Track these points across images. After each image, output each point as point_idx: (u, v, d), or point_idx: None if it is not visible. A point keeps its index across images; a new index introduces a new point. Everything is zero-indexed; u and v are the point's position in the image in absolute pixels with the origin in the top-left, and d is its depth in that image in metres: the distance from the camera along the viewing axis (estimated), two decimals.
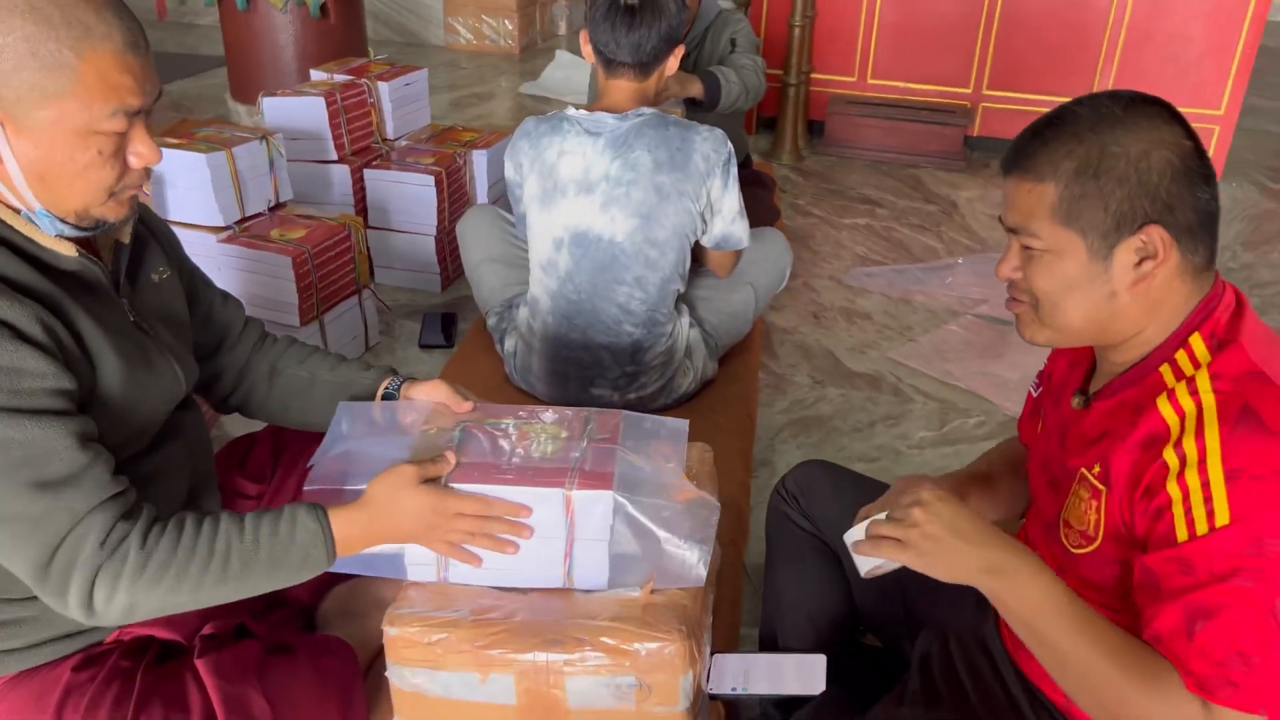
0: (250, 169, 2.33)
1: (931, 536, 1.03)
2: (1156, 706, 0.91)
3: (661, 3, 1.86)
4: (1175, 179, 0.96)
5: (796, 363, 2.61)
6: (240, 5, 3.77)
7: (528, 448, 1.25)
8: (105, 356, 1.08)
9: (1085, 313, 1.02)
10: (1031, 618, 0.99)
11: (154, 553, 1.01)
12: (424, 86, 3.08)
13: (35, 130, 0.98)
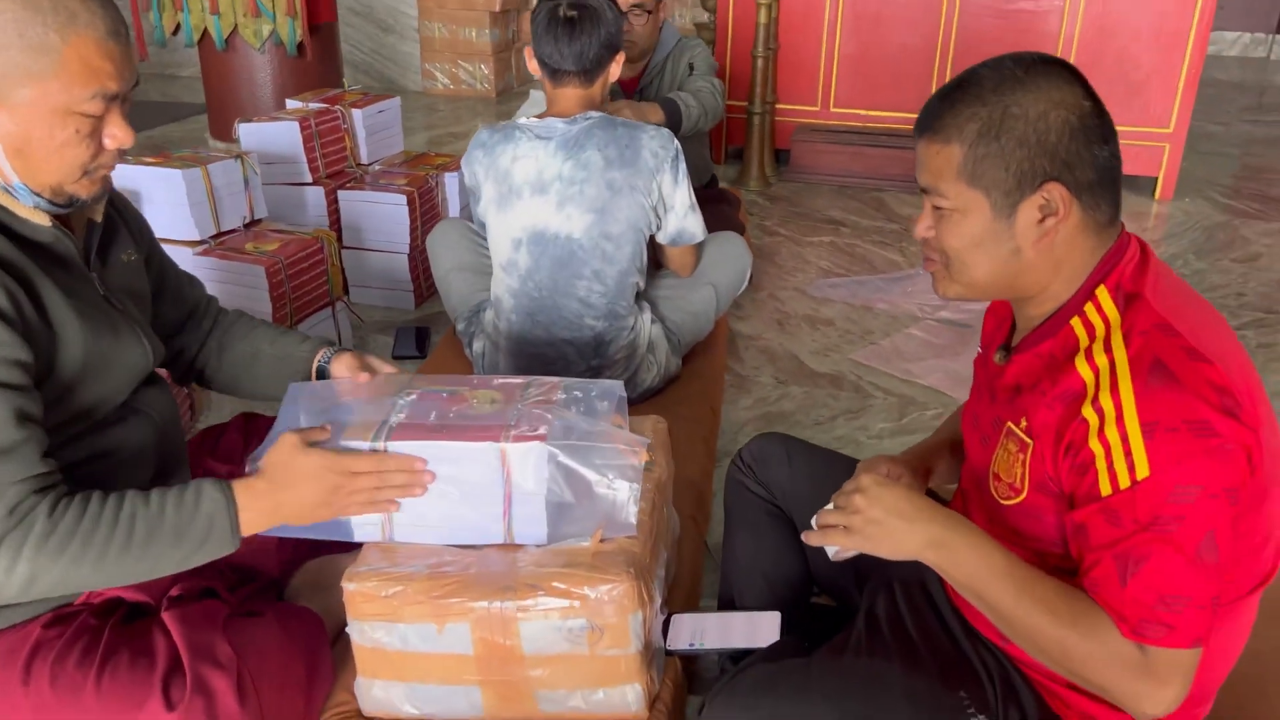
0: (225, 185, 2.41)
1: (874, 520, 1.10)
2: (1097, 653, 0.97)
3: (599, 11, 1.96)
4: (1074, 138, 1.01)
5: (761, 365, 2.69)
6: (219, 45, 3.89)
7: (465, 409, 1.30)
8: (69, 326, 1.12)
9: (991, 269, 1.07)
10: (974, 585, 1.06)
11: (60, 521, 1.02)
12: (397, 114, 3.18)
13: (17, 107, 1.04)
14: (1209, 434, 0.93)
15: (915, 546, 1.08)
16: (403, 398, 1.32)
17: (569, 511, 1.26)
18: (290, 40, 3.83)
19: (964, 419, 1.30)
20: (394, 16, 6.27)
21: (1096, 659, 0.98)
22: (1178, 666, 0.96)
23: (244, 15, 3.83)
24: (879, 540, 1.10)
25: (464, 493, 1.24)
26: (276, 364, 1.47)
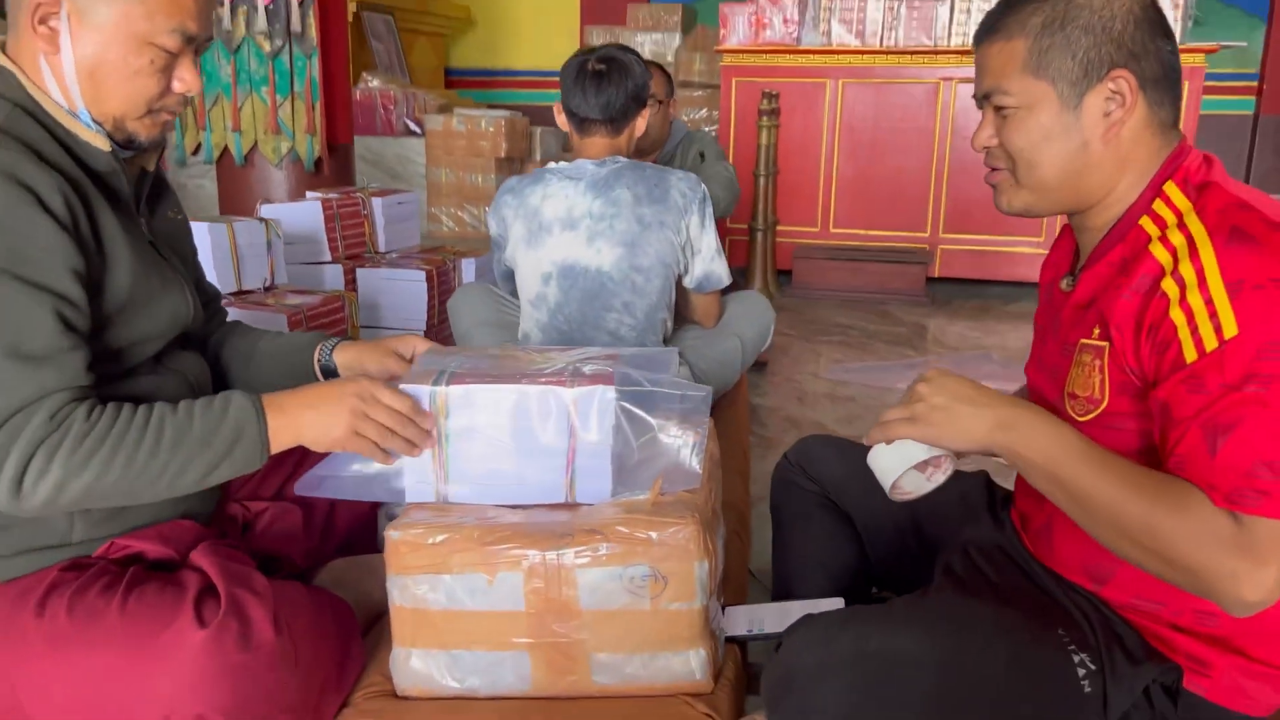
0: (249, 245, 2.42)
1: (939, 407, 1.03)
2: (1186, 528, 0.89)
3: (626, 65, 2.04)
4: (1139, 27, 1.01)
5: (785, 429, 2.64)
6: (238, 161, 4.00)
7: (523, 365, 1.26)
8: (120, 254, 1.11)
9: (1060, 165, 1.05)
10: (1048, 464, 0.98)
11: (95, 426, 1.00)
12: (415, 208, 3.24)
13: (98, 27, 1.05)
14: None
15: (984, 429, 1.00)
16: (461, 358, 1.28)
17: (631, 461, 1.20)
18: (309, 156, 3.95)
19: (1029, 374, 1.26)
20: (403, 164, 6.52)
21: (1186, 535, 0.89)
22: (1277, 541, 0.88)
23: (264, 133, 3.96)
24: (945, 427, 1.02)
25: (524, 446, 1.18)
26: (273, 359, 1.42)
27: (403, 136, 6.58)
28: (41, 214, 0.99)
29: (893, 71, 4.52)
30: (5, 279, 0.97)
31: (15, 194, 0.97)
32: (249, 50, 3.85)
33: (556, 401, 1.17)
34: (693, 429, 1.21)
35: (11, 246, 0.97)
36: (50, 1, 1.04)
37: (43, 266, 0.99)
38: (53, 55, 1.07)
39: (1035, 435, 0.99)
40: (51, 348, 0.99)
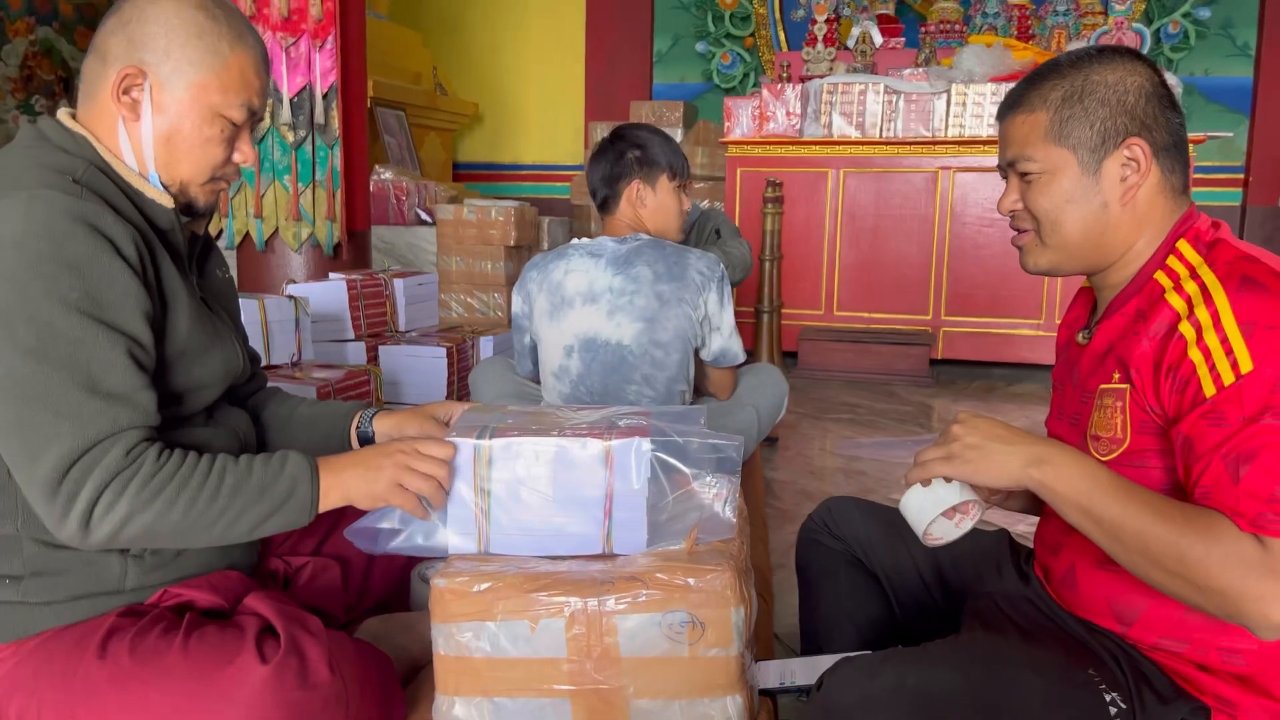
0: (278, 321, 2.50)
1: (973, 445, 1.08)
2: (1214, 553, 0.93)
3: (632, 135, 2.13)
4: (1149, 101, 1.11)
5: (800, 502, 2.67)
6: (259, 246, 4.11)
7: (563, 421, 1.31)
8: (178, 305, 1.17)
9: (1083, 225, 1.13)
10: (1079, 497, 1.02)
11: (164, 465, 1.05)
12: (434, 289, 3.34)
13: (178, 99, 1.16)
14: None
15: (1017, 466, 1.05)
16: (501, 414, 1.34)
17: (666, 513, 1.24)
18: (328, 242, 4.06)
19: (1050, 427, 1.31)
20: (414, 252, 6.66)
21: (1215, 560, 0.93)
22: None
23: (285, 219, 4.08)
24: (979, 464, 1.07)
25: (563, 497, 1.22)
26: (308, 427, 1.47)
27: (414, 225, 6.74)
28: (118, 260, 1.06)
29: (892, 161, 4.68)
30: (86, 320, 1.02)
31: (96, 241, 1.04)
32: (273, 140, 4.00)
33: (595, 453, 1.21)
34: (726, 480, 1.26)
35: (91, 290, 1.03)
36: (136, 74, 1.14)
37: (119, 309, 1.05)
38: (133, 122, 1.16)
39: (1066, 470, 1.03)
40: (126, 386, 1.04)
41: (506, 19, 8.67)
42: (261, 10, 3.89)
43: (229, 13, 1.20)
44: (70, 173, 1.09)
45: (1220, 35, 7.19)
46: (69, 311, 1.01)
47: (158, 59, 1.15)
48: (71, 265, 1.02)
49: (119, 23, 1.16)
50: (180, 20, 1.15)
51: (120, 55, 1.15)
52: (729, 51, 7.97)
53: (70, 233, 1.02)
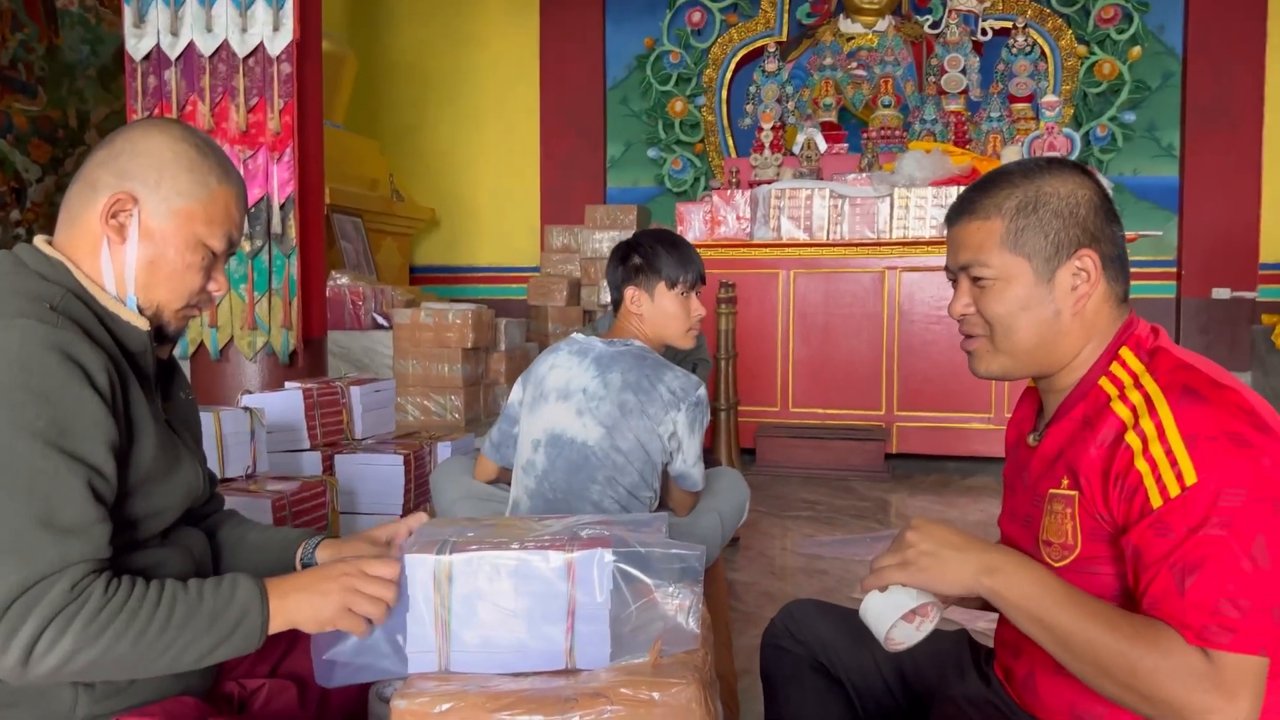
0: (233, 434, 2.48)
1: (927, 553, 1.11)
2: (1162, 665, 0.96)
3: (636, 244, 2.20)
4: (1098, 213, 1.17)
5: (763, 604, 2.66)
6: (213, 355, 4.09)
7: (522, 533, 1.31)
8: (144, 432, 1.18)
9: (1035, 332, 1.17)
10: (1031, 605, 1.05)
11: (111, 599, 1.04)
12: (391, 395, 3.33)
13: (164, 226, 1.20)
14: (1244, 443, 1.00)
15: (970, 573, 1.08)
16: (461, 527, 1.33)
17: (629, 625, 1.24)
18: (284, 350, 4.06)
19: (1003, 526, 1.34)
20: (370, 356, 6.65)
21: (1163, 672, 0.96)
22: (1246, 676, 0.95)
23: (241, 328, 4.08)
24: (933, 571, 1.10)
25: (526, 611, 1.21)
26: (258, 553, 1.46)
27: (370, 330, 6.75)
28: (89, 389, 1.06)
29: (840, 262, 4.81)
30: (48, 450, 1.02)
31: (68, 370, 1.05)
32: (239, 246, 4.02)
33: (557, 565, 1.21)
34: (688, 590, 1.26)
35: (58, 419, 1.03)
36: (127, 200, 1.18)
37: (84, 439, 1.05)
38: (118, 245, 1.19)
39: (1018, 579, 1.06)
40: (82, 519, 1.03)
41: (462, 126, 8.87)
42: (220, 124, 3.96)
43: (216, 151, 1.26)
44: (47, 300, 1.11)
45: (1146, 137, 7.57)
46: (33, 440, 1.01)
47: (148, 189, 1.19)
48: (41, 394, 1.02)
49: (110, 154, 1.20)
50: (172, 153, 1.20)
51: (110, 184, 1.19)
52: (680, 157, 8.21)
53: (43, 361, 1.03)
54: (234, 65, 3.91)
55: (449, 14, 8.80)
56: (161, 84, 3.97)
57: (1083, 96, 7.47)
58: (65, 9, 7.70)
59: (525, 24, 8.60)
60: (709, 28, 8.10)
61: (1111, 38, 7.41)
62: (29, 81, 7.39)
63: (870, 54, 7.09)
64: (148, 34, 3.95)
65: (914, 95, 6.89)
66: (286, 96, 3.90)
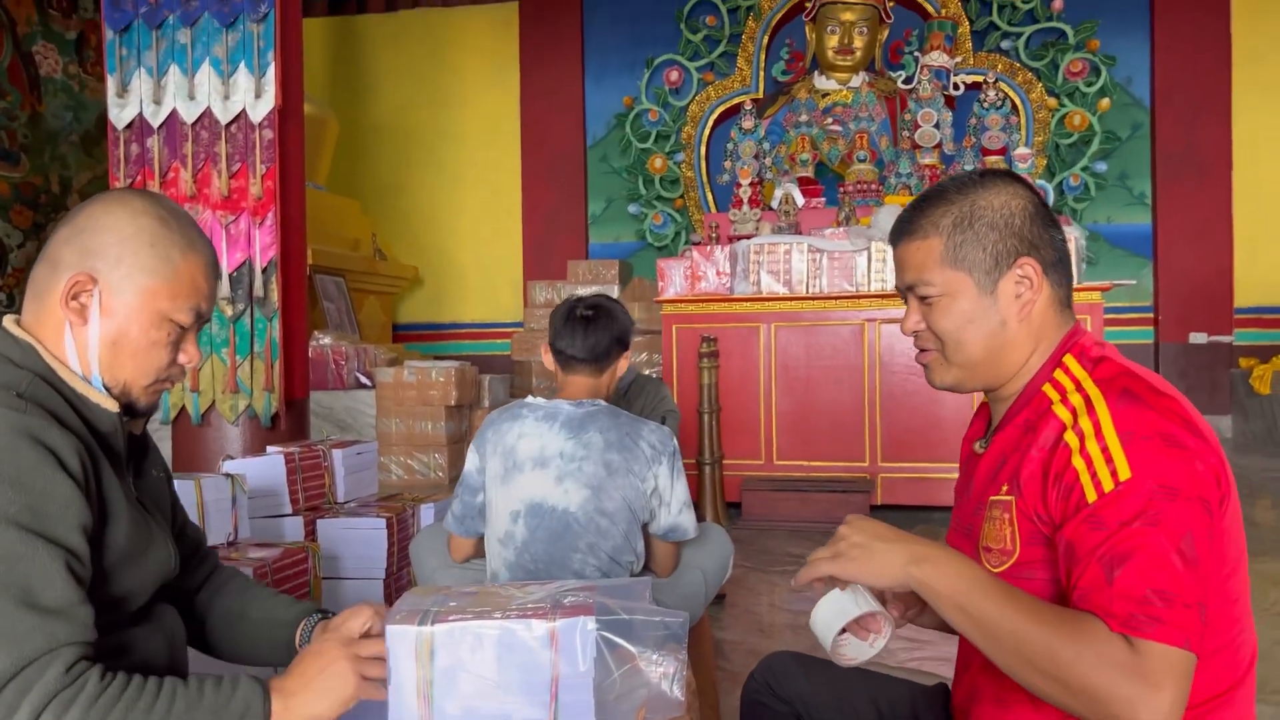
0: (215, 501, 2.46)
1: (858, 545, 1.12)
2: (1085, 653, 0.96)
3: (612, 311, 2.21)
4: (1033, 221, 1.20)
5: (750, 663, 2.63)
6: (195, 420, 4.08)
7: (507, 601, 1.31)
8: (117, 512, 1.17)
9: (984, 342, 1.20)
10: (957, 596, 1.05)
11: (109, 686, 1.02)
12: (374, 458, 3.32)
13: (127, 304, 1.18)
14: (1179, 445, 1.03)
15: (899, 564, 1.09)
16: (442, 596, 1.33)
17: (613, 693, 1.23)
18: (265, 413, 4.05)
19: (950, 539, 1.33)
20: (353, 416, 6.63)
21: (1086, 660, 0.96)
22: (1170, 667, 0.95)
23: (222, 392, 4.07)
24: (864, 563, 1.11)
25: (509, 681, 1.20)
26: (259, 628, 1.44)
27: (353, 389, 6.74)
28: (61, 473, 1.05)
29: (820, 315, 4.85)
30: (25, 534, 1.01)
31: (38, 454, 1.04)
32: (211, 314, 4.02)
33: (540, 634, 1.21)
34: (672, 657, 1.25)
35: (32, 504, 1.02)
36: (86, 280, 1.16)
37: (58, 522, 1.04)
38: (80, 327, 1.17)
39: (945, 569, 1.07)
40: (64, 600, 1.02)
41: (444, 185, 8.97)
42: (202, 190, 3.99)
43: (181, 220, 1.23)
44: (14, 387, 1.10)
45: (1118, 186, 7.72)
46: (7, 527, 1.00)
47: (109, 266, 1.17)
48: (13, 479, 1.01)
49: (72, 231, 1.19)
50: (134, 228, 1.18)
51: (72, 263, 1.17)
52: (660, 212, 8.31)
53: (13, 447, 1.03)
54: (216, 132, 3.95)
55: (429, 76, 8.94)
56: (144, 151, 4.01)
57: (1055, 147, 7.62)
58: (49, 76, 7.78)
59: (505, 84, 8.74)
60: (686, 86, 8.25)
61: (1081, 90, 7.59)
62: (11, 148, 7.43)
63: (845, 110, 7.24)
64: (130, 103, 3.99)
65: (889, 149, 7.02)
66: (269, 162, 3.94)
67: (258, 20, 3.91)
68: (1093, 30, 7.59)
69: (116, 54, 4.00)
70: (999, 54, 7.69)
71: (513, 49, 8.68)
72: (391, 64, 9.04)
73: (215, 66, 3.92)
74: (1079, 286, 4.57)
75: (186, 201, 3.97)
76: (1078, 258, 4.64)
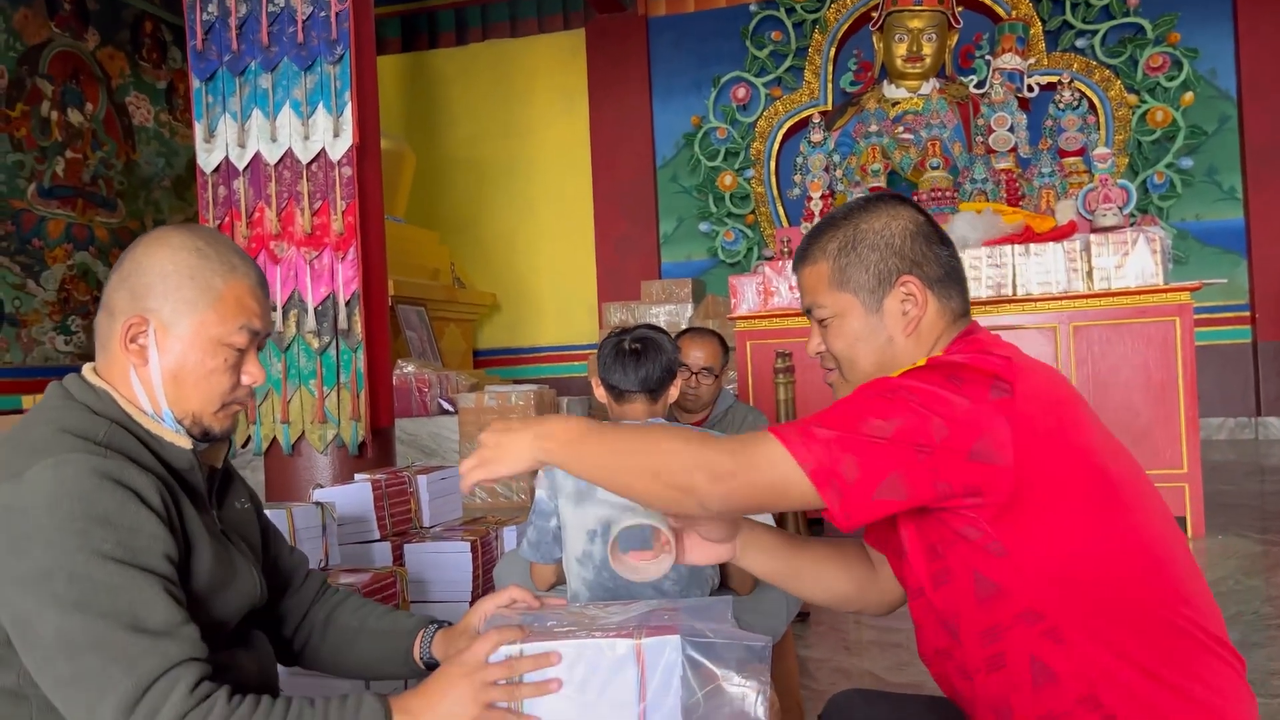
0: (306, 529, 2.54)
1: (493, 445, 1.20)
2: (682, 445, 1.10)
3: (659, 343, 2.23)
4: (914, 240, 1.24)
5: (837, 681, 2.61)
6: (286, 450, 4.21)
7: (590, 621, 1.33)
8: (200, 545, 1.22)
9: (873, 359, 1.25)
10: (574, 448, 1.16)
11: (238, 709, 1.06)
12: (456, 482, 3.38)
13: (180, 336, 1.23)
14: (956, 379, 1.07)
15: (526, 446, 1.17)
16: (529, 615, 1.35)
17: (697, 713, 1.23)
18: (353, 442, 4.16)
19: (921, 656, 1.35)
20: (437, 441, 6.76)
21: (678, 447, 1.10)
22: (755, 452, 1.07)
23: (311, 422, 4.20)
24: (500, 456, 1.18)
25: (596, 700, 1.21)
26: (378, 639, 1.47)
27: (436, 415, 6.87)
28: (144, 509, 1.11)
29: None
30: (120, 566, 1.06)
31: (122, 494, 1.09)
32: (299, 347, 4.16)
33: (626, 653, 1.21)
34: (755, 678, 1.25)
35: (122, 539, 1.08)
36: (139, 322, 1.22)
37: (149, 554, 1.09)
38: (142, 367, 1.23)
39: (563, 434, 1.16)
40: (170, 622, 1.07)
41: (518, 212, 9.12)
42: (286, 228, 4.13)
43: (219, 247, 1.27)
44: (94, 435, 1.16)
45: (1206, 182, 7.46)
46: (105, 562, 1.05)
47: (158, 304, 1.22)
48: (101, 518, 1.07)
49: (120, 278, 1.25)
50: (174, 265, 1.23)
51: (125, 308, 1.23)
52: (731, 229, 8.31)
53: (98, 487, 1.08)
54: (298, 171, 4.10)
55: (501, 108, 9.12)
56: (231, 193, 4.18)
57: (1137, 145, 7.41)
58: (141, 125, 8.17)
59: (575, 111, 8.87)
60: (754, 102, 8.26)
61: (1162, 85, 7.37)
62: (109, 196, 7.81)
63: (916, 118, 7.15)
64: (217, 147, 4.16)
65: (963, 156, 6.91)
66: (349, 198, 4.07)
67: (334, 62, 4.05)
68: (1172, 23, 7.38)
69: (203, 101, 4.18)
70: (1074, 53, 7.52)
71: (580, 76, 8.81)
72: (464, 96, 9.26)
73: (295, 108, 4.07)
74: (1164, 287, 4.43)
75: (272, 240, 4.12)
76: (1164, 257, 4.49)
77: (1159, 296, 4.44)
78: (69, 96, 7.49)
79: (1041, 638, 1.09)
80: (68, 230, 7.42)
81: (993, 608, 1.11)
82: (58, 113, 7.39)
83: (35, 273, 7.17)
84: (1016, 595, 1.09)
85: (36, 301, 7.17)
